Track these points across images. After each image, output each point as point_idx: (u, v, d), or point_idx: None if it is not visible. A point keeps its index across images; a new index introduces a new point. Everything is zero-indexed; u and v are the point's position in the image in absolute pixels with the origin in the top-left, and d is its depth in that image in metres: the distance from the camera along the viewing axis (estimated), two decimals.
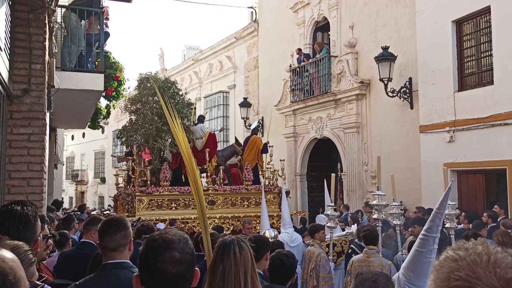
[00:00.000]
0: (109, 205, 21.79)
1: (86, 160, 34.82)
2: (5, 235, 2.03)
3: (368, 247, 5.60)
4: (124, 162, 12.28)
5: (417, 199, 10.51)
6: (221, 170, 10.89)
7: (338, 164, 12.95)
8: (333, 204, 7.04)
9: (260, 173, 11.72)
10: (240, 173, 11.70)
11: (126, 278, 2.41)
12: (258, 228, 9.94)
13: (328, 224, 6.88)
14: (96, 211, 19.87)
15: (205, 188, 10.46)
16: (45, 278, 1.91)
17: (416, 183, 10.72)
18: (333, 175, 7.66)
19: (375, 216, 6.22)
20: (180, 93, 11.49)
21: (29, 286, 1.21)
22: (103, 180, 31.48)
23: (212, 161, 11.04)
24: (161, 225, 8.60)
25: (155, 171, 10.74)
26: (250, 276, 2.30)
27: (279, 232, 8.11)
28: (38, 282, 1.44)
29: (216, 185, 10.70)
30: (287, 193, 11.47)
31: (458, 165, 9.82)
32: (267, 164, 11.57)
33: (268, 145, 11.72)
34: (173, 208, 10.04)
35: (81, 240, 4.73)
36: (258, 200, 10.68)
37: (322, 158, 14.56)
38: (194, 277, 1.73)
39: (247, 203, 10.83)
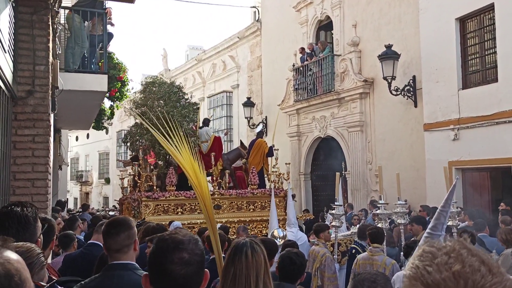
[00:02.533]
0: (113, 206, 21.82)
1: (90, 161, 34.90)
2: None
3: (373, 246, 5.60)
4: (130, 166, 12.29)
5: (422, 197, 10.48)
6: (226, 174, 10.86)
7: (343, 163, 12.92)
8: (339, 203, 7.00)
9: (266, 176, 11.69)
10: (245, 176, 11.66)
11: (129, 279, 2.41)
12: (264, 232, 9.92)
13: (333, 223, 6.86)
14: (101, 212, 19.90)
15: (211, 193, 10.42)
16: (54, 280, 1.92)
17: (421, 182, 10.69)
18: (337, 173, 7.63)
19: (379, 225, 6.20)
20: (186, 97, 11.44)
21: (34, 287, 1.21)
22: (107, 181, 31.56)
23: (218, 164, 11.01)
24: (177, 223, 8.53)
25: (161, 175, 10.73)
26: (262, 280, 2.27)
27: None
28: (43, 283, 1.45)
29: (221, 189, 10.66)
30: (293, 196, 11.46)
31: (463, 163, 9.79)
32: (273, 167, 11.53)
33: (273, 148, 11.68)
34: (179, 213, 10.00)
35: (89, 241, 4.75)
36: (263, 204, 10.64)
37: (326, 157, 14.55)
38: (203, 278, 1.71)
39: (253, 207, 10.78)
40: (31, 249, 1.76)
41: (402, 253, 6.26)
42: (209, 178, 11.26)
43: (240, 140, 13.93)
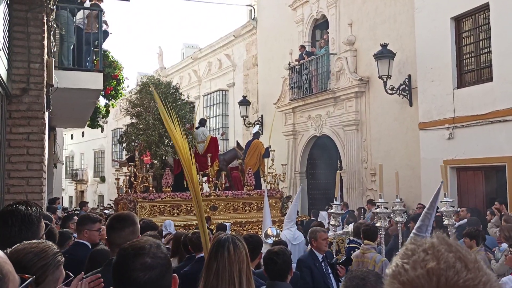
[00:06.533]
0: (108, 204, 21.76)
1: (85, 159, 34.78)
2: (7, 234, 2.04)
3: (364, 243, 5.63)
4: (126, 167, 12.25)
5: (417, 196, 10.51)
6: (223, 175, 10.83)
7: (338, 161, 12.94)
8: (338, 202, 7.01)
9: (262, 177, 11.68)
10: (241, 176, 11.64)
11: None
12: (260, 233, 9.90)
13: (332, 222, 6.86)
14: (97, 210, 19.85)
15: (207, 194, 10.41)
16: (71, 277, 1.92)
17: (416, 180, 10.72)
18: (338, 172, 7.64)
19: (378, 224, 6.21)
20: (183, 97, 11.41)
21: (19, 280, 1.21)
22: (102, 179, 31.45)
23: (214, 165, 11.00)
24: (168, 222, 8.50)
25: (157, 176, 10.70)
26: (245, 274, 2.28)
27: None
28: (28, 275, 1.46)
29: (218, 190, 10.64)
30: (289, 197, 11.46)
31: (458, 162, 9.83)
32: (269, 168, 11.52)
33: (270, 149, 11.67)
34: (175, 214, 9.97)
35: (75, 240, 4.53)
36: (260, 205, 10.62)
37: (322, 156, 14.57)
38: (171, 283, 1.65)
39: (249, 208, 10.75)
40: (46, 249, 1.74)
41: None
42: (205, 178, 11.24)
43: (237, 141, 13.93)
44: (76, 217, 7.43)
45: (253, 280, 2.35)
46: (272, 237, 6.92)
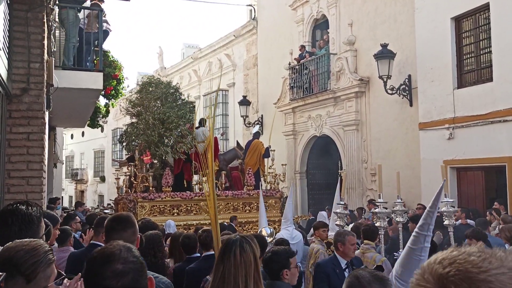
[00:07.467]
0: (108, 204, 21.76)
1: (85, 159, 34.79)
2: (7, 233, 2.04)
3: (364, 243, 5.62)
4: (126, 166, 12.24)
5: (417, 196, 10.51)
6: (223, 175, 10.82)
7: (338, 161, 12.94)
8: (342, 203, 6.99)
9: (262, 177, 11.68)
10: (241, 176, 11.64)
11: None
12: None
13: (337, 223, 6.85)
14: (96, 210, 19.85)
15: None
16: (63, 276, 1.92)
17: (416, 181, 10.72)
18: (343, 172, 7.63)
19: (377, 224, 6.19)
20: (183, 97, 11.41)
21: None
22: (102, 179, 31.45)
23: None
24: (169, 223, 8.51)
25: (157, 176, 10.70)
26: (252, 278, 2.27)
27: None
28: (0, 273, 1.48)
29: (218, 190, 10.63)
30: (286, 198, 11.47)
31: (458, 162, 9.82)
32: (269, 168, 11.51)
33: (270, 149, 11.67)
34: (175, 214, 9.97)
35: (91, 242, 4.56)
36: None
37: (322, 156, 14.56)
38: (147, 285, 1.61)
39: (249, 208, 10.75)
40: (38, 247, 1.75)
41: (400, 250, 6.27)
42: (205, 178, 11.22)
43: (237, 141, 13.93)
44: (78, 217, 7.42)
45: (262, 283, 2.33)
46: (266, 237, 6.92)
